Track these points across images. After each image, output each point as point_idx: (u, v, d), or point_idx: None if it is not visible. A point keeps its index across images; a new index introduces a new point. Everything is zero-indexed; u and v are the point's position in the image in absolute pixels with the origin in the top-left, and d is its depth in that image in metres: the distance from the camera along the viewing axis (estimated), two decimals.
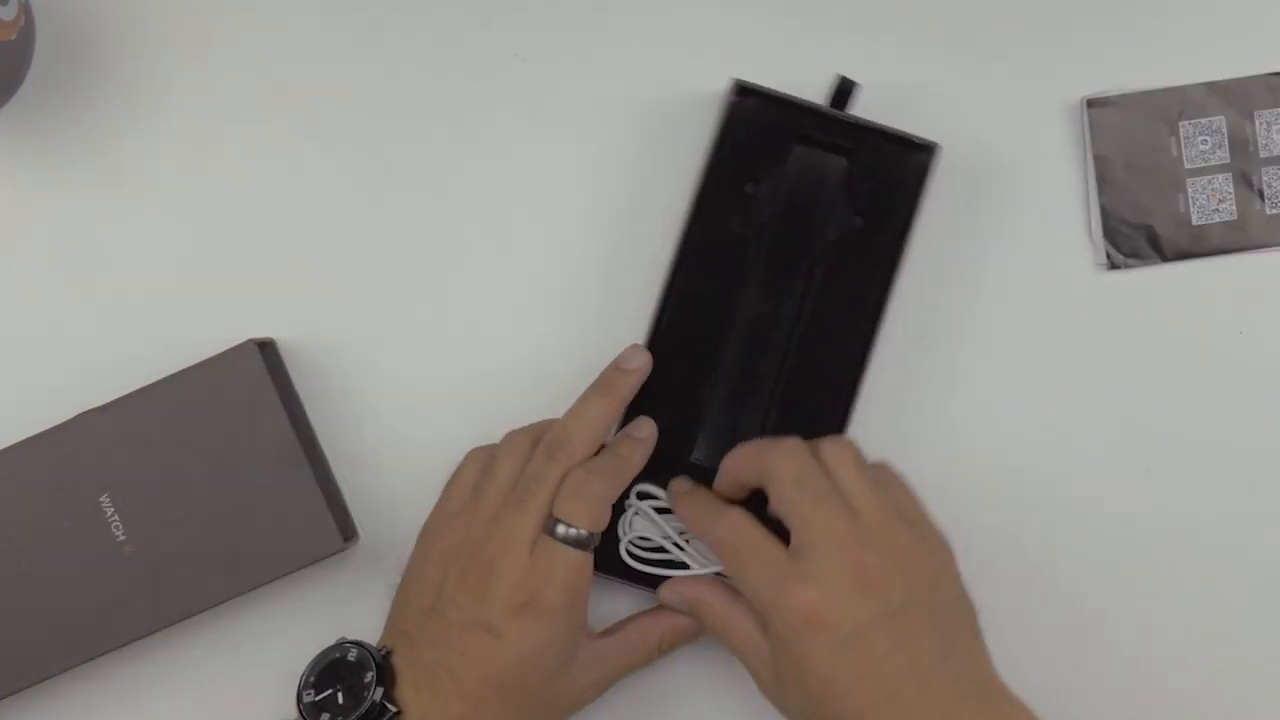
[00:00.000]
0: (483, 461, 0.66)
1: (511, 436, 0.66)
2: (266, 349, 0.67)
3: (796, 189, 0.68)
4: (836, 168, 0.68)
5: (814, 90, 0.68)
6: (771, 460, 0.62)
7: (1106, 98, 0.70)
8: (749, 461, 0.64)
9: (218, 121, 0.70)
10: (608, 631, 0.67)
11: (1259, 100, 0.70)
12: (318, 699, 0.62)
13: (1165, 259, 0.70)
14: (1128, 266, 0.70)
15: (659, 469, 0.67)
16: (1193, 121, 0.70)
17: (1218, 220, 0.70)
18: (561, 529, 0.62)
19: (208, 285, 0.70)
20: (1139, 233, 0.70)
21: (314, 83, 0.71)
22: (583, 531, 0.62)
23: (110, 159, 0.70)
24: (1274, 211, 0.70)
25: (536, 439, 0.65)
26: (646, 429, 0.67)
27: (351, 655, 0.62)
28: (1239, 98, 0.70)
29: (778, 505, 0.61)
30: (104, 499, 0.65)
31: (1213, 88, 0.70)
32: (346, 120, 0.71)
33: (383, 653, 0.63)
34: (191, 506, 0.65)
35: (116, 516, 0.65)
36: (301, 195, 0.70)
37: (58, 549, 0.65)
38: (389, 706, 0.61)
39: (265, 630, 0.69)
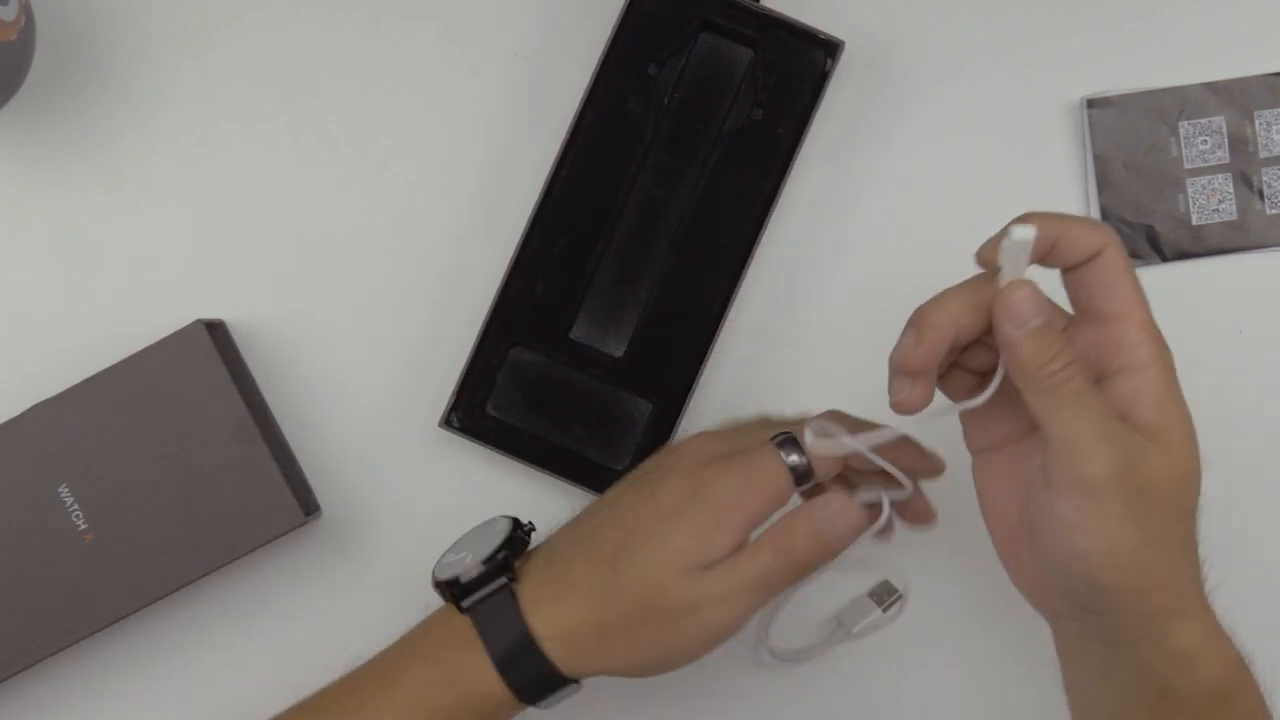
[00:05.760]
0: None
1: None
2: (215, 329, 0.67)
3: (700, 75, 0.69)
4: (742, 58, 0.68)
5: None
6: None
7: (1106, 97, 0.70)
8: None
9: (216, 121, 0.71)
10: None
11: (1259, 100, 0.70)
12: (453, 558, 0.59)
13: (1165, 259, 0.70)
14: None
15: (536, 342, 0.68)
16: (1192, 121, 0.70)
17: (1217, 220, 0.70)
18: (790, 451, 0.55)
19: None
20: (1139, 233, 0.70)
21: (301, 80, 0.71)
22: (804, 461, 0.55)
23: (110, 158, 0.70)
24: (1274, 211, 0.70)
25: None
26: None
27: (500, 525, 0.59)
28: (1239, 98, 0.70)
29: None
30: (62, 489, 0.65)
31: (1213, 88, 0.70)
32: (332, 114, 0.71)
33: (528, 527, 0.60)
34: (150, 490, 0.65)
35: (76, 505, 0.65)
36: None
37: (18, 543, 0.65)
38: (507, 575, 0.57)
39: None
